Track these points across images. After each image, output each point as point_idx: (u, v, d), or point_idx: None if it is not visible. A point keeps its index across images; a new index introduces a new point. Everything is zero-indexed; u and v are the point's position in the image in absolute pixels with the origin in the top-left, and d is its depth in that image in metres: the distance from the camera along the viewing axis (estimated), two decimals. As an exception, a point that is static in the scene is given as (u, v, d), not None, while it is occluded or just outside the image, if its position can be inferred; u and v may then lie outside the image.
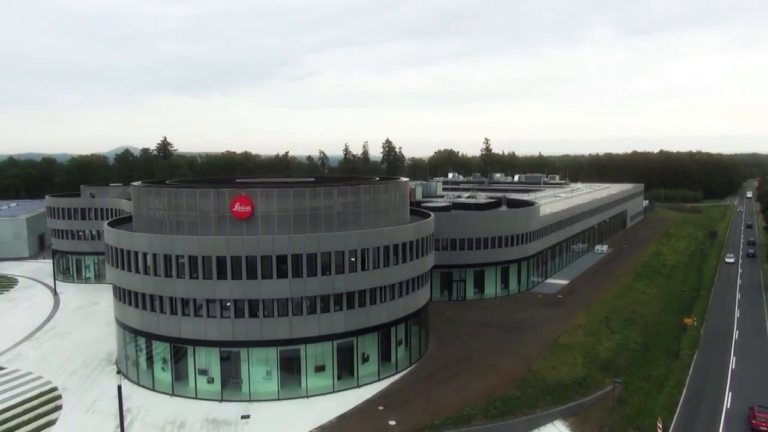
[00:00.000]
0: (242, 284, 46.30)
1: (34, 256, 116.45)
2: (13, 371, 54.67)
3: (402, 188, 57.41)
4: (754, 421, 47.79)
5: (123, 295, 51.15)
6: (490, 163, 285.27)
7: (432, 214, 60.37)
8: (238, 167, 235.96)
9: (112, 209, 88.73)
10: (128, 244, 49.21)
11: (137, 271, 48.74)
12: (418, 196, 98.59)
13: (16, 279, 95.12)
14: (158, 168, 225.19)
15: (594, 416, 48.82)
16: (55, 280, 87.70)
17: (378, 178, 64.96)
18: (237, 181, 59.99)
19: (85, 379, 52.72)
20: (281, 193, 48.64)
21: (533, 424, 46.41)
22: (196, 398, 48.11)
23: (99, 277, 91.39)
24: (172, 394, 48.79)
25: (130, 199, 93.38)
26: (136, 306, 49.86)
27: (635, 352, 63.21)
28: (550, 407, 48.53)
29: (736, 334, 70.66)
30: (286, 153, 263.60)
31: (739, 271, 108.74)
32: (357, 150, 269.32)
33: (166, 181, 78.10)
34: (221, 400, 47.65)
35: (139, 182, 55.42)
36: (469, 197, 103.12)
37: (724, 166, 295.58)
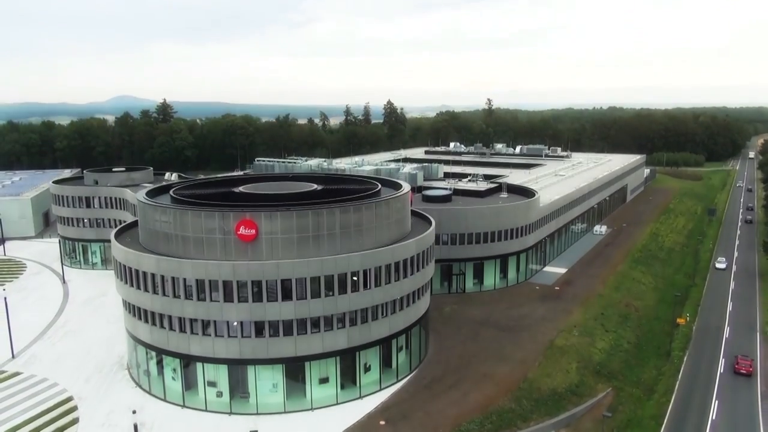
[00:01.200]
0: (248, 306, 47.88)
1: (40, 235, 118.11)
2: (29, 377, 56.96)
3: (403, 200, 58.17)
4: (736, 366, 61.53)
5: (133, 310, 52.81)
6: (492, 125, 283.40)
7: (432, 222, 61.23)
8: (239, 131, 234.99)
9: (116, 198, 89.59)
10: (136, 264, 50.50)
11: (146, 290, 50.22)
12: (420, 181, 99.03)
13: (25, 264, 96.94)
14: (159, 132, 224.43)
15: (584, 428, 51.29)
16: (63, 267, 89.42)
17: (377, 189, 65.54)
18: (241, 189, 60.51)
19: (99, 386, 54.99)
20: (285, 215, 49.50)
21: (527, 437, 48.88)
22: (206, 410, 50.45)
23: (105, 263, 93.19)
24: (183, 406, 51.12)
25: (135, 185, 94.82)
26: (146, 321, 51.61)
27: (628, 353, 65.44)
28: (544, 419, 50.94)
29: (726, 332, 72.71)
30: (287, 116, 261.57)
31: (734, 255, 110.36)
32: (359, 102, 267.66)
33: (170, 175, 78.95)
34: (230, 413, 50.00)
35: (144, 196, 55.98)
36: (470, 180, 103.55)
37: (727, 128, 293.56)
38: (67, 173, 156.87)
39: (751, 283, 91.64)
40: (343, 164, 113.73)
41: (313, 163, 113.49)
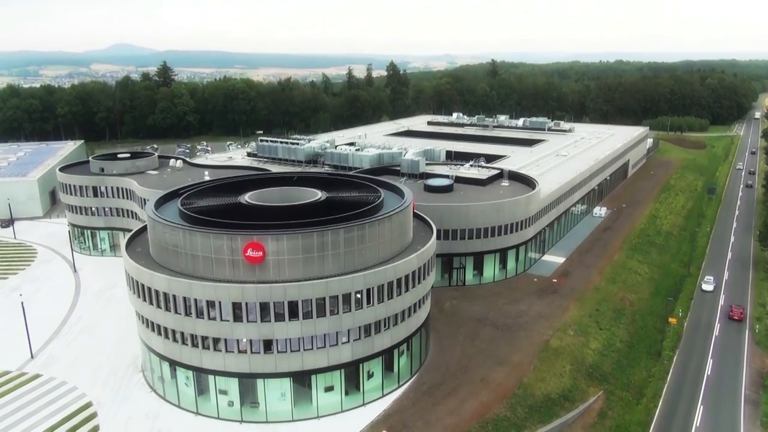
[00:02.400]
0: (257, 326, 50.21)
1: (48, 214, 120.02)
2: (49, 380, 59.90)
3: (404, 214, 59.47)
4: (730, 313, 77.70)
5: (146, 321, 55.20)
6: (496, 88, 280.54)
7: (434, 232, 62.78)
8: (240, 96, 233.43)
9: (123, 188, 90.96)
10: (148, 282, 52.53)
11: (158, 307, 52.45)
12: (422, 167, 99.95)
13: (35, 249, 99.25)
14: (160, 98, 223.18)
15: (575, 436, 54.42)
16: (73, 256, 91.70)
17: (376, 184, 66.72)
18: (248, 199, 61.74)
19: (117, 390, 57.96)
20: (291, 237, 51.09)
21: (520, 447, 52.00)
22: (218, 418, 53.53)
23: (114, 249, 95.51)
24: (197, 413, 54.19)
25: (140, 172, 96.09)
26: (159, 334, 54.07)
27: (620, 353, 68.19)
28: (537, 427, 54.00)
29: (717, 330, 75.32)
30: (288, 79, 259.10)
31: (731, 239, 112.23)
32: (361, 52, 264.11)
33: (175, 162, 79.35)
34: (241, 421, 53.08)
35: (154, 211, 57.31)
36: (472, 165, 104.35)
37: (734, 92, 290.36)
38: (71, 145, 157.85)
39: (745, 276, 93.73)
40: (345, 145, 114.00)
41: (316, 145, 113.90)
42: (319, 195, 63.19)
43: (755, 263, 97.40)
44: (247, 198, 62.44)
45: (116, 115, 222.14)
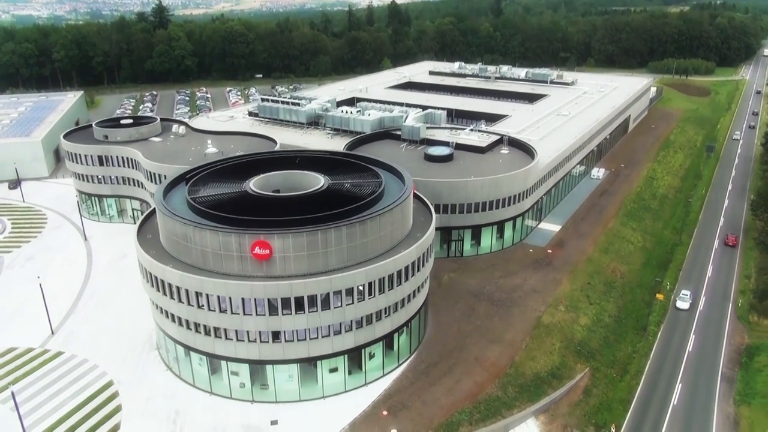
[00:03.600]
0: (265, 319, 53.53)
1: (53, 174, 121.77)
2: (71, 357, 63.94)
3: (404, 206, 61.38)
4: (726, 240, 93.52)
5: (160, 308, 58.52)
6: (500, 28, 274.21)
7: (433, 219, 64.95)
8: (239, 39, 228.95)
9: (127, 158, 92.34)
10: (161, 275, 55.38)
11: (171, 298, 55.57)
12: (423, 133, 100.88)
13: (44, 214, 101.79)
14: (157, 41, 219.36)
15: (561, 413, 58.98)
16: (83, 223, 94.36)
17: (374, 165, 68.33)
18: (252, 187, 63.46)
19: (135, 368, 62.12)
20: (296, 235, 53.44)
21: (509, 425, 56.54)
22: (231, 398, 57.84)
23: (121, 215, 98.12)
24: (211, 393, 58.50)
25: (143, 139, 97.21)
26: (173, 321, 57.52)
27: (607, 329, 72.13)
28: (526, 406, 58.43)
29: (702, 303, 78.93)
30: (287, 19, 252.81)
31: (725, 203, 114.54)
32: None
33: (178, 128, 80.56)
34: (252, 401, 57.43)
35: (164, 206, 59.01)
36: (472, 130, 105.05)
37: (743, 32, 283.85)
38: (71, 98, 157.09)
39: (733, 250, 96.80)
40: (346, 105, 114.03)
41: (317, 106, 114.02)
42: (321, 182, 64.74)
43: (745, 231, 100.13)
44: (252, 186, 64.02)
45: (113, 59, 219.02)
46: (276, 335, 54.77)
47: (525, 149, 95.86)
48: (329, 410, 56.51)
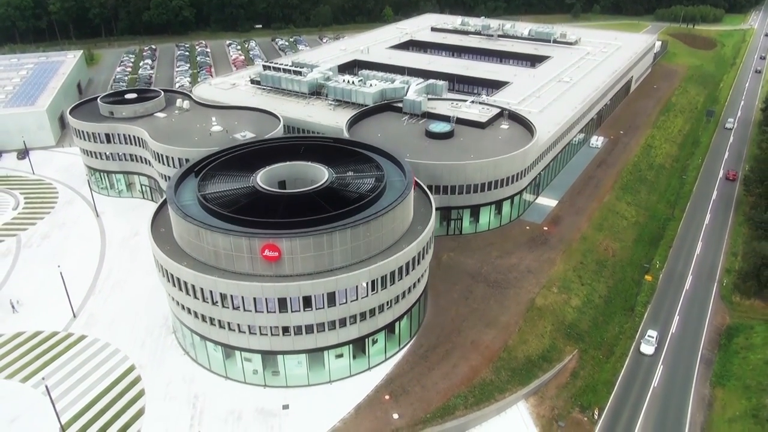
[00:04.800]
0: (276, 316, 57.50)
1: (60, 142, 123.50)
2: (94, 341, 68.42)
3: (405, 204, 64.03)
4: (727, 175, 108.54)
5: (177, 301, 62.43)
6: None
7: (433, 211, 67.77)
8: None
9: (133, 136, 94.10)
10: (176, 273, 58.92)
11: (187, 294, 59.36)
12: (424, 107, 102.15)
13: (55, 188, 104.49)
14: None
15: (549, 395, 63.88)
16: (93, 199, 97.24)
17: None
18: (259, 182, 65.92)
19: (154, 352, 66.76)
20: (303, 238, 56.54)
21: (501, 408, 61.52)
22: (245, 383, 62.65)
23: (130, 189, 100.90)
24: (226, 377, 63.27)
25: (148, 114, 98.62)
26: (189, 313, 61.56)
27: (597, 310, 76.31)
28: (517, 389, 63.24)
29: (688, 283, 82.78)
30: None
31: (719, 174, 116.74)
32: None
33: (182, 102, 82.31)
34: (264, 386, 62.27)
35: (177, 206, 61.69)
36: (473, 102, 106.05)
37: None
38: (71, 58, 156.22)
39: (725, 220, 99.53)
40: (348, 77, 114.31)
41: (319, 75, 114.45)
42: (325, 176, 67.10)
43: (737, 205, 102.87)
44: (259, 180, 66.40)
45: (110, 11, 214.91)
46: (286, 329, 58.91)
47: (525, 125, 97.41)
48: (336, 394, 61.39)
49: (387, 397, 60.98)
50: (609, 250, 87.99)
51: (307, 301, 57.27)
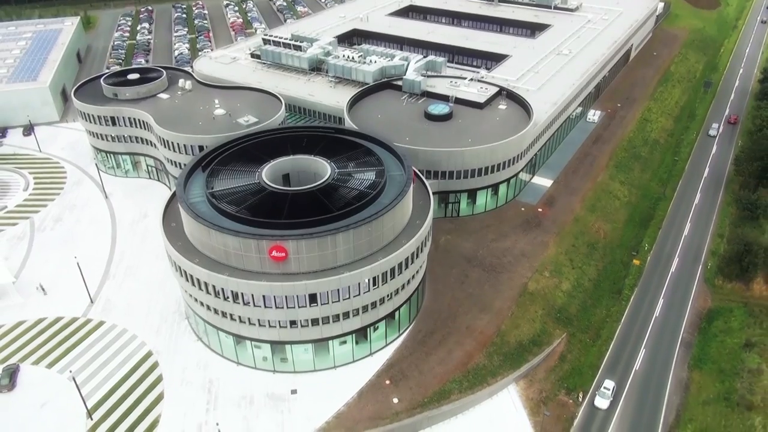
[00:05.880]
0: (284, 311, 61.59)
1: (63, 117, 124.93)
2: (111, 327, 72.77)
3: (404, 202, 66.95)
4: (729, 120, 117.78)
5: (189, 294, 66.38)
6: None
7: (431, 208, 70.81)
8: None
9: (138, 120, 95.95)
10: (189, 270, 62.59)
11: (200, 289, 63.23)
12: (424, 86, 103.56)
13: (63, 167, 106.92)
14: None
15: (538, 378, 68.78)
16: (101, 179, 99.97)
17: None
18: (264, 178, 68.58)
19: (169, 338, 71.25)
20: (309, 240, 59.88)
21: (492, 392, 66.49)
22: (255, 368, 67.38)
23: (136, 169, 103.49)
24: (238, 363, 67.96)
25: (152, 95, 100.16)
26: (202, 305, 65.64)
27: (586, 293, 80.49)
28: (508, 373, 68.08)
29: (674, 265, 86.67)
30: None
31: (713, 150, 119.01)
32: None
33: (184, 83, 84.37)
34: (274, 371, 67.03)
35: (188, 207, 64.51)
36: (471, 80, 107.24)
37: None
38: (69, 26, 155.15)
39: (714, 200, 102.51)
40: (347, 53, 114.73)
41: (319, 52, 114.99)
42: (327, 171, 69.69)
43: (727, 184, 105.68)
44: (264, 176, 69.08)
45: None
46: (293, 322, 63.10)
47: (523, 105, 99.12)
48: (340, 379, 66.21)
49: (387, 382, 65.83)
50: (600, 231, 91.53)
51: (312, 298, 61.21)
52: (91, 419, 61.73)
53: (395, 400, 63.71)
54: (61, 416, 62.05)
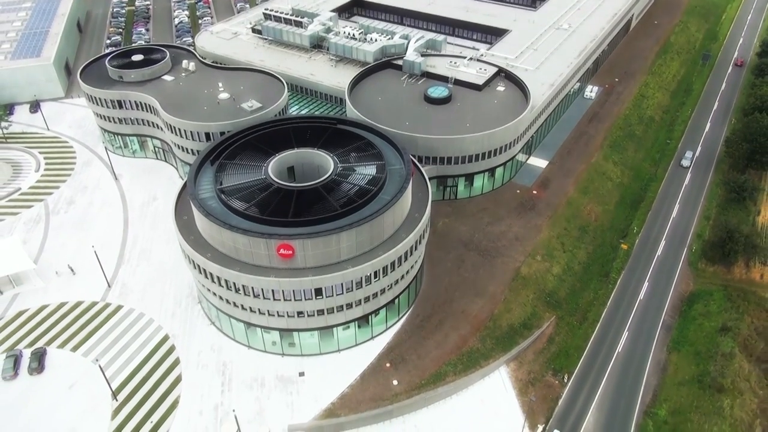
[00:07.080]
0: (292, 303, 66.24)
1: (68, 93, 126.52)
2: (129, 311, 77.63)
3: (403, 200, 70.42)
4: (735, 62, 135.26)
5: (202, 284, 70.90)
6: None
7: (429, 204, 74.37)
8: None
9: (144, 104, 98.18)
10: (202, 263, 66.86)
11: (213, 282, 67.70)
12: (423, 67, 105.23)
13: (72, 147, 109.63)
14: None
15: (527, 360, 74.13)
16: (110, 161, 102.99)
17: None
18: (270, 174, 71.87)
19: (184, 322, 76.23)
20: (314, 239, 63.85)
21: (485, 373, 71.93)
22: (265, 351, 72.64)
23: (143, 149, 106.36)
24: (249, 347, 73.17)
25: (156, 77, 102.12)
26: (214, 295, 70.27)
27: (575, 277, 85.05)
28: (500, 356, 73.38)
29: (661, 248, 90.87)
30: None
31: (706, 128, 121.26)
32: None
33: (188, 64, 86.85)
34: (282, 355, 72.33)
35: (200, 205, 68.12)
36: (470, 59, 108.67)
37: None
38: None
39: (704, 180, 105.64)
40: (348, 30, 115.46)
41: (319, 28, 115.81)
42: (330, 166, 72.96)
43: (717, 163, 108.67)
44: (270, 171, 72.32)
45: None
46: (300, 313, 67.86)
47: (521, 87, 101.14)
48: (344, 362, 71.53)
49: (388, 365, 71.18)
50: (592, 214, 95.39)
51: (318, 292, 65.75)
52: (116, 400, 67.30)
53: (395, 383, 69.19)
54: (88, 397, 67.58)
